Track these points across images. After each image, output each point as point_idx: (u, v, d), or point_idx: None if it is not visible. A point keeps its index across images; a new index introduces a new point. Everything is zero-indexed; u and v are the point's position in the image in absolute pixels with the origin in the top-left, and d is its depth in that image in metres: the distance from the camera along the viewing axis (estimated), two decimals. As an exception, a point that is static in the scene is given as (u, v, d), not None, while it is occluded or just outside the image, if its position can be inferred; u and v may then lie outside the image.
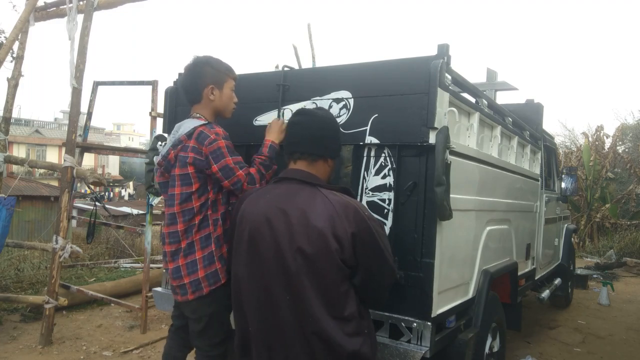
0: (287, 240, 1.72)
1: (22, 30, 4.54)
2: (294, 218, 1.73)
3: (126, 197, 34.93)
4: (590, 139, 13.51)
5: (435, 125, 2.13)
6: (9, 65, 4.60)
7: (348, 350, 1.70)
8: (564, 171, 5.63)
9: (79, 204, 16.25)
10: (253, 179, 2.17)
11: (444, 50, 2.22)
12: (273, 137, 2.33)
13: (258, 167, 2.22)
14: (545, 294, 4.70)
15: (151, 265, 5.14)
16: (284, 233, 1.73)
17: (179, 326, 2.46)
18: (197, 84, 2.27)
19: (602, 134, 13.49)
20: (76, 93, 4.23)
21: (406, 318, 2.19)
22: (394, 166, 2.26)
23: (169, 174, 2.24)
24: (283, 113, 2.60)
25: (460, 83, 2.60)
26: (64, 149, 4.37)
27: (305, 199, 1.78)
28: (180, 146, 2.17)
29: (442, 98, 2.19)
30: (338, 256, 1.70)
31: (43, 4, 4.65)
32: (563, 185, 5.51)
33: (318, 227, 1.70)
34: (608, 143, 13.53)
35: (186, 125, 2.22)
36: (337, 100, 2.42)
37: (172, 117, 2.99)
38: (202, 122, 2.22)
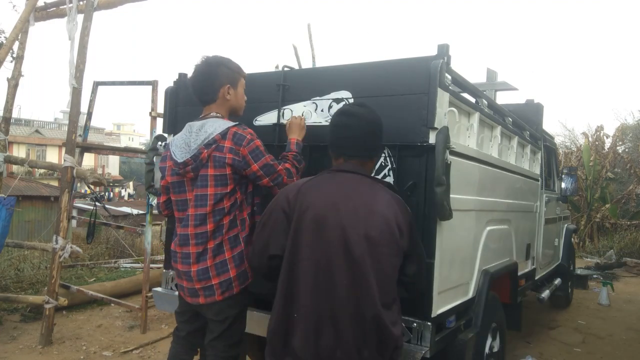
0: (353, 225, 1.76)
1: (22, 30, 4.54)
2: (360, 204, 1.80)
3: (126, 197, 34.95)
4: (590, 139, 13.52)
5: (435, 126, 2.14)
6: (9, 65, 4.62)
7: (395, 337, 1.76)
8: (564, 171, 5.63)
9: (79, 204, 16.24)
10: (290, 173, 2.24)
11: (444, 50, 2.22)
12: (296, 134, 2.42)
13: (292, 161, 2.29)
14: (545, 294, 4.70)
15: (151, 265, 5.14)
16: (350, 218, 1.77)
17: (190, 331, 2.39)
18: (214, 84, 2.25)
19: (602, 134, 13.50)
20: (76, 93, 4.24)
21: (406, 318, 2.19)
22: (394, 166, 2.26)
23: (195, 174, 2.17)
24: (283, 113, 2.60)
25: (460, 83, 2.60)
26: (64, 149, 4.37)
27: (368, 188, 1.87)
28: (215, 146, 2.13)
29: (442, 98, 2.19)
30: (400, 242, 1.80)
31: (43, 4, 4.66)
32: (563, 185, 5.51)
33: (383, 213, 1.78)
34: (608, 143, 13.53)
35: (214, 125, 2.17)
36: (337, 100, 2.42)
37: (172, 117, 3.00)
38: (232, 122, 2.20)
